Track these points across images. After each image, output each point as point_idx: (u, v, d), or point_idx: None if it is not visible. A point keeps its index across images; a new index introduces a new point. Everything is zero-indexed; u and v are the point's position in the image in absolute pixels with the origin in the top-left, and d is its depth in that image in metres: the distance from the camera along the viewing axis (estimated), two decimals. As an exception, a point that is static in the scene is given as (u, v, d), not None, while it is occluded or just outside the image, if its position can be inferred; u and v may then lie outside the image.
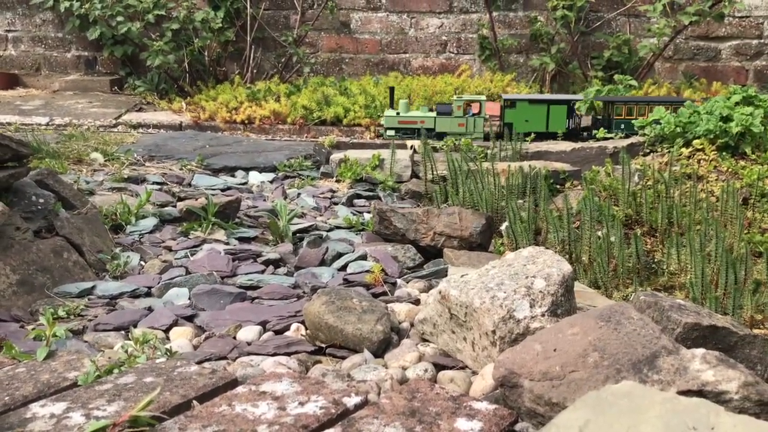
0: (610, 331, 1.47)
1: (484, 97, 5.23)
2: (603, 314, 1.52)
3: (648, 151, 4.50)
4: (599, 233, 3.05)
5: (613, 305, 1.58)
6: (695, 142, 4.14)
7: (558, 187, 3.94)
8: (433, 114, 5.15)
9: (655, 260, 3.08)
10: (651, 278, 3.00)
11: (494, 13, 6.67)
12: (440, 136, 5.10)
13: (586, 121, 5.33)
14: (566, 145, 4.75)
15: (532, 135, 4.96)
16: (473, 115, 5.11)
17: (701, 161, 4.06)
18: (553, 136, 5.05)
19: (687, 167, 3.94)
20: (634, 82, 5.88)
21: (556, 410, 1.34)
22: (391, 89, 5.37)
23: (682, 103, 4.53)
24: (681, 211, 3.34)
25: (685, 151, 4.14)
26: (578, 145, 4.74)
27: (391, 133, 5.15)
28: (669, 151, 4.23)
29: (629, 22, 6.68)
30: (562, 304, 1.71)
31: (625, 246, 2.94)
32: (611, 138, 4.90)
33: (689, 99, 5.03)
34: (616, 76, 6.07)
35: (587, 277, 2.91)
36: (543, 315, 1.67)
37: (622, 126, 4.91)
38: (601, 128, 5.03)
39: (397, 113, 5.20)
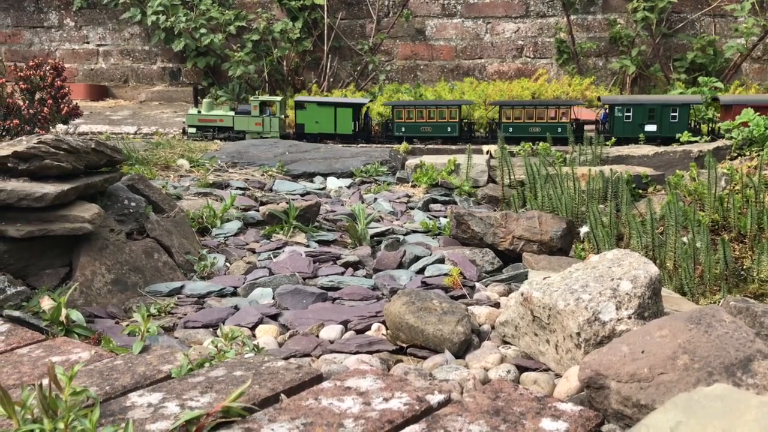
0: (700, 333, 1.43)
1: (279, 98, 5.41)
2: (693, 317, 1.49)
3: (735, 155, 4.34)
4: (684, 239, 2.96)
5: (703, 308, 1.54)
6: (787, 144, 3.98)
7: (640, 191, 3.85)
8: (232, 113, 5.36)
9: (744, 267, 2.97)
10: (740, 285, 2.89)
11: (572, 17, 6.58)
12: (240, 134, 5.28)
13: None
14: (648, 149, 4.64)
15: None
16: (270, 114, 5.28)
17: (794, 165, 3.89)
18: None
19: (778, 171, 3.78)
20: (719, 84, 5.69)
21: (644, 412, 1.31)
22: (195, 88, 5.60)
23: None
24: (772, 216, 3.21)
25: (776, 155, 3.98)
26: (661, 149, 4.62)
27: (193, 130, 5.37)
28: (758, 155, 4.07)
29: (714, 22, 6.47)
30: (650, 307, 1.68)
31: (711, 252, 2.85)
32: (696, 141, 4.76)
33: None
34: (700, 79, 5.89)
35: (672, 284, 2.83)
36: (629, 317, 1.64)
37: None
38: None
39: (199, 111, 5.38)
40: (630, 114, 4.95)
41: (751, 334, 1.41)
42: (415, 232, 3.23)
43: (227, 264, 2.69)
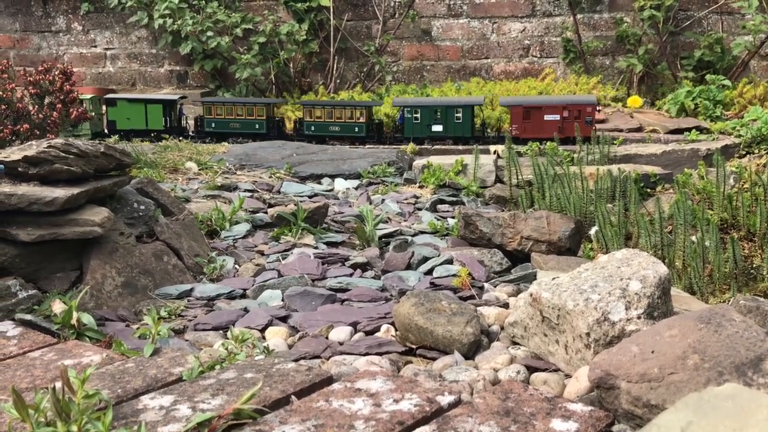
0: (710, 333, 1.43)
1: (89, 96, 5.55)
2: (702, 316, 1.48)
3: (744, 152, 4.33)
4: (693, 238, 2.95)
5: (712, 307, 1.54)
6: (796, 142, 3.96)
7: (648, 190, 3.84)
8: None
9: (754, 265, 2.96)
10: (749, 284, 2.88)
11: (578, 16, 6.57)
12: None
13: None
14: (656, 148, 4.63)
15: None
16: None
17: (803, 162, 3.87)
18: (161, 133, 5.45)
19: (787, 169, 3.77)
20: (727, 82, 5.67)
21: (654, 412, 1.31)
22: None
23: None
24: (782, 214, 3.20)
25: (786, 152, 3.97)
26: (669, 147, 4.61)
27: None
28: (767, 152, 4.06)
29: (721, 19, 6.45)
30: (659, 307, 1.67)
31: (721, 251, 2.84)
32: (704, 140, 4.74)
33: None
34: (707, 76, 5.88)
35: (681, 283, 2.82)
36: (639, 317, 1.63)
37: None
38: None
39: None
40: (418, 115, 5.21)
41: (761, 334, 1.41)
42: (423, 233, 3.23)
43: (236, 266, 2.70)
